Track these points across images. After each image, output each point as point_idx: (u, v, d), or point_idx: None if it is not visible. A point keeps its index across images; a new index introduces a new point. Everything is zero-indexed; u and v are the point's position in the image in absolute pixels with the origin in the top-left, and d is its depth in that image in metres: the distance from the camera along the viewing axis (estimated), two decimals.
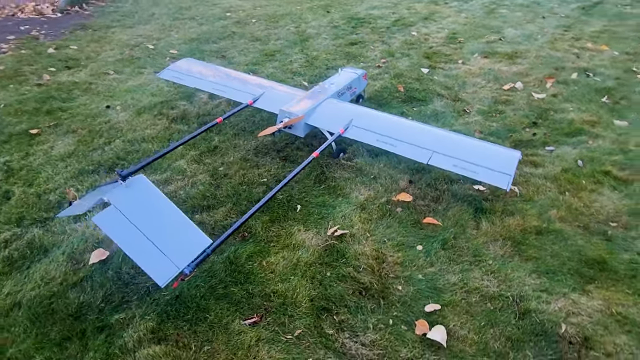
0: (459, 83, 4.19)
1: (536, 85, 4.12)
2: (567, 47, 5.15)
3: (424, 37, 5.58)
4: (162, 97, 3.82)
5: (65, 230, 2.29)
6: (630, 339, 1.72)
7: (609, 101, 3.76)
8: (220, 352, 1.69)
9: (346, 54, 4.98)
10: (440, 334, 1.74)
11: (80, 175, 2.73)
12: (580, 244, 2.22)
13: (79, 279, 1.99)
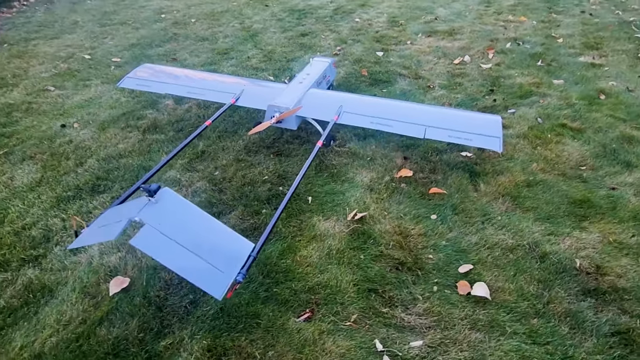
0: (415, 62, 4.42)
1: (480, 57, 4.49)
2: (493, 20, 5.67)
3: (367, 23, 5.75)
4: (123, 108, 3.52)
5: (65, 265, 2.04)
6: (630, 260, 2.01)
7: (543, 64, 4.24)
8: (286, 354, 1.66)
9: (300, 45, 4.97)
10: (483, 289, 1.89)
11: (61, 203, 2.43)
12: (565, 189, 2.52)
13: (104, 313, 1.80)
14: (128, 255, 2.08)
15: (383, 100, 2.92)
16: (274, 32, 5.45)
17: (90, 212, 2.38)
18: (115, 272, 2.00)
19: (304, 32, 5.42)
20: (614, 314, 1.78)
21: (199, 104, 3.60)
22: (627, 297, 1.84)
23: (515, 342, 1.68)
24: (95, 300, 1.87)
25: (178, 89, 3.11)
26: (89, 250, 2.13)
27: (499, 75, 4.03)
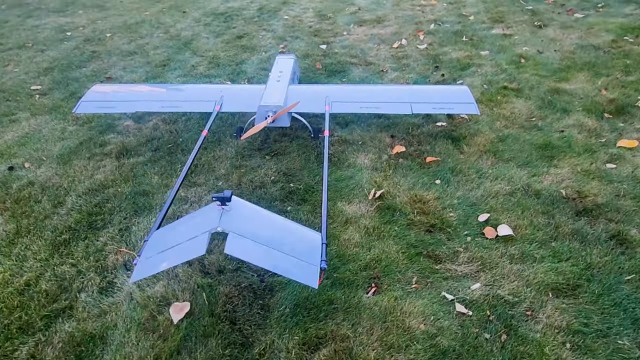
0: (359, 50, 4.69)
1: (414, 40, 4.93)
2: (410, 6, 6.22)
3: (297, 20, 5.88)
4: (76, 137, 3.16)
5: (103, 309, 1.85)
6: (598, 182, 2.50)
7: (467, 39, 4.83)
8: (374, 326, 1.75)
9: (242, 47, 4.91)
10: (506, 229, 2.19)
11: (60, 248, 2.15)
12: (528, 138, 2.98)
13: (177, 343, 1.69)
14: (171, 281, 1.96)
15: (364, 87, 3.11)
16: (207, 38, 5.29)
17: (101, 249, 2.16)
18: (165, 300, 1.87)
19: (238, 34, 5.35)
20: (604, 224, 2.21)
21: (164, 120, 3.39)
22: (607, 209, 2.30)
23: (547, 264, 2.00)
24: (159, 333, 1.74)
25: (149, 105, 2.91)
26: (123, 287, 1.95)
27: (437, 53, 4.50)
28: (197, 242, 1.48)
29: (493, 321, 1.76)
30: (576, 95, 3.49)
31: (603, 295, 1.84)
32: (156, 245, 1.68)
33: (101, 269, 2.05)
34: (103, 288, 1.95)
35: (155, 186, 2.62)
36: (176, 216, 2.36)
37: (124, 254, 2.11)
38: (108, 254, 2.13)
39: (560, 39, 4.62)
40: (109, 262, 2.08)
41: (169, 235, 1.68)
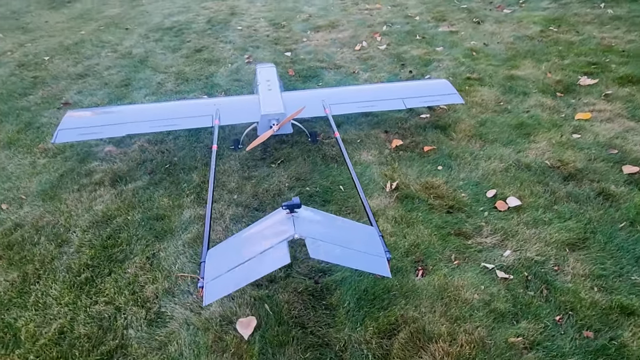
0: (324, 55, 4.83)
1: (372, 41, 5.20)
2: (357, 10, 6.53)
3: (252, 29, 5.88)
4: (53, 170, 2.91)
5: (160, 340, 1.74)
6: (572, 151, 2.88)
7: (420, 38, 5.21)
8: (434, 303, 1.87)
9: (204, 60, 4.79)
10: (515, 200, 2.45)
11: (86, 287, 1.98)
12: (503, 120, 3.33)
13: (255, 357, 1.65)
14: (225, 300, 1.90)
15: (356, 87, 3.24)
16: (164, 54, 5.08)
17: (135, 280, 2.02)
18: (227, 319, 1.82)
19: (196, 48, 5.21)
20: (588, 185, 2.57)
21: (149, 141, 3.22)
22: (586, 172, 2.67)
23: (556, 225, 2.28)
24: (231, 352, 1.68)
25: (139, 126, 2.76)
26: (174, 315, 1.85)
27: (398, 52, 4.79)
28: (278, 251, 1.48)
29: (531, 280, 1.98)
30: (528, 79, 3.96)
31: (608, 242, 2.16)
32: (218, 263, 1.64)
33: (141, 300, 1.93)
34: (152, 320, 1.84)
35: (167, 208, 2.50)
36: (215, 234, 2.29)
37: (185, 278, 2.01)
38: (144, 284, 2.01)
39: (498, 32, 5.18)
40: (147, 293, 1.96)
41: (231, 252, 1.65)
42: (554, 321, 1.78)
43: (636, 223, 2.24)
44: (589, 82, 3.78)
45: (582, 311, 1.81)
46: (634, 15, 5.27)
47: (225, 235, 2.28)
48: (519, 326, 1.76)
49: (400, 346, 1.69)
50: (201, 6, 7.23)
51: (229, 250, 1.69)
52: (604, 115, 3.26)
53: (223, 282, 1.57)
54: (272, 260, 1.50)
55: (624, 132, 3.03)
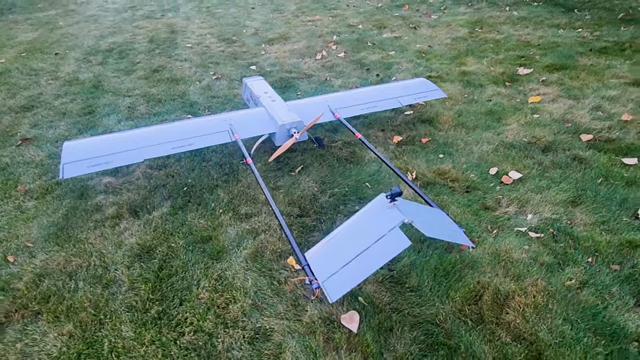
0: (289, 66, 4.95)
1: (329, 50, 5.46)
2: (300, 22, 6.77)
3: (203, 47, 5.74)
4: (52, 212, 2.60)
5: (266, 354, 1.69)
6: (540, 129, 3.43)
7: (371, 44, 5.61)
8: (494, 267, 2.13)
9: (167, 80, 4.58)
10: (516, 174, 2.86)
11: (158, 321, 1.85)
12: (475, 109, 3.80)
13: (376, 346, 1.71)
14: (312, 303, 1.92)
15: (353, 91, 3.42)
16: (117, 77, 4.72)
17: (214, 304, 1.92)
18: (327, 319, 1.85)
19: (152, 68, 4.94)
20: (562, 154, 3.09)
21: (149, 166, 3.03)
22: (557, 143, 3.21)
23: (554, 188, 2.72)
24: (347, 346, 1.73)
25: (157, 150, 2.60)
26: (273, 328, 1.82)
27: (357, 59, 5.12)
28: (394, 237, 1.60)
29: (557, 235, 2.36)
30: (478, 74, 4.56)
31: (596, 196, 2.65)
32: (327, 262, 1.69)
33: (231, 321, 1.86)
34: (252, 337, 1.79)
35: (208, 229, 2.41)
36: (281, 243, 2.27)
37: (296, 283, 1.98)
38: (225, 305, 1.93)
39: (435, 35, 5.83)
40: (233, 313, 1.90)
41: (337, 249, 1.71)
42: (587, 263, 2.17)
43: (609, 177, 2.79)
44: (526, 71, 4.49)
45: (604, 251, 2.23)
46: (535, 16, 6.35)
47: (287, 245, 2.29)
48: (566, 272, 2.11)
49: (487, 307, 1.91)
50: (133, 26, 6.82)
51: (333, 248, 1.74)
52: (549, 97, 3.93)
53: (343, 278, 1.63)
54: (391, 247, 1.61)
55: (569, 108, 3.70)
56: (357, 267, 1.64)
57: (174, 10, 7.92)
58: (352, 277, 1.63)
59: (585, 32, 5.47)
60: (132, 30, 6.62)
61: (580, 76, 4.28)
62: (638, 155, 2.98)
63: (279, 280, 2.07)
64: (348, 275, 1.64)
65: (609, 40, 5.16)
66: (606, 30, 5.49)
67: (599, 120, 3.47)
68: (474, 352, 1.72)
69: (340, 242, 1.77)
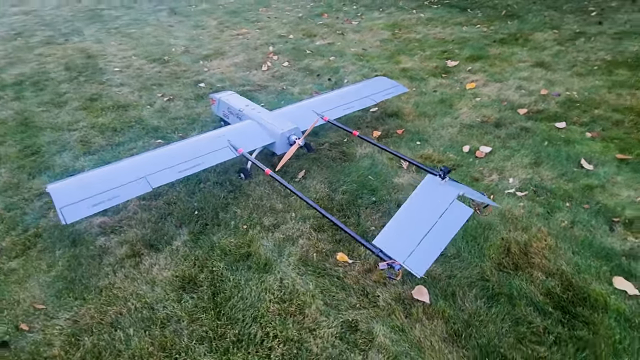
0: (240, 79, 4.92)
1: (272, 61, 5.53)
2: (229, 37, 6.70)
3: (135, 70, 5.36)
4: (46, 268, 2.28)
5: (369, 339, 1.76)
6: (487, 109, 4.00)
7: (309, 52, 5.84)
8: (508, 228, 2.48)
9: (112, 108, 4.22)
10: (486, 148, 3.32)
11: (240, 343, 1.78)
12: (429, 100, 4.26)
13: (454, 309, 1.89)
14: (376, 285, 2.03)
15: (327, 95, 3.56)
16: (47, 111, 4.18)
17: (286, 312, 1.90)
18: (397, 298, 1.98)
19: (87, 97, 4.48)
20: (510, 127, 3.67)
21: (142, 198, 2.79)
22: (503, 119, 3.80)
23: (518, 155, 3.24)
24: (425, 318, 1.88)
25: (163, 177, 2.44)
26: (356, 319, 1.88)
27: (304, 66, 5.29)
28: (457, 209, 1.81)
29: (536, 190, 2.83)
30: (415, 69, 5.09)
31: (549, 155, 3.23)
32: (399, 243, 1.83)
33: (314, 323, 1.88)
34: (340, 333, 1.84)
35: (242, 246, 2.35)
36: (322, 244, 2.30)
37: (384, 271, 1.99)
38: (299, 311, 1.93)
39: (364, 39, 6.32)
40: (310, 317, 1.92)
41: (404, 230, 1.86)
42: (567, 206, 2.67)
43: (551, 140, 3.42)
44: (453, 63, 5.17)
45: (573, 195, 2.76)
46: (439, 17, 7.27)
47: (329, 244, 2.36)
48: (557, 217, 2.57)
49: (517, 257, 2.25)
50: (36, 54, 6.02)
51: (400, 230, 1.89)
52: (480, 83, 4.60)
53: (422, 253, 1.79)
54: (457, 217, 1.83)
55: (499, 90, 4.39)
56: (432, 241, 1.82)
57: (77, 34, 7.17)
58: (430, 251, 1.81)
59: (484, 27, 6.48)
60: (35, 58, 5.83)
61: (496, 63, 5.09)
62: (564, 120, 3.71)
63: (337, 277, 2.14)
64: (426, 250, 1.81)
65: (504, 32, 6.20)
66: (498, 25, 6.57)
67: (525, 96, 4.20)
68: (526, 293, 2.03)
69: (405, 223, 1.92)
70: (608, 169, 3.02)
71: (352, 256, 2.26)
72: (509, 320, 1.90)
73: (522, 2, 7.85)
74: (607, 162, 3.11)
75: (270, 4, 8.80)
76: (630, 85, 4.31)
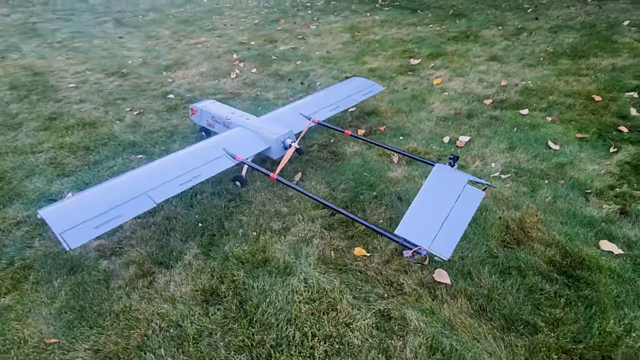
0: (209, 88, 4.82)
1: (239, 68, 5.46)
2: (187, 46, 6.53)
3: (93, 85, 5.06)
4: (48, 299, 2.11)
5: (400, 323, 1.81)
6: (456, 101, 4.25)
7: (276, 57, 5.84)
8: (506, 200, 2.67)
9: (78, 125, 3.95)
10: (465, 137, 3.54)
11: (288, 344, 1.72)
12: (402, 97, 4.44)
13: (475, 286, 2.01)
14: (392, 276, 2.11)
15: (307, 99, 3.58)
16: (4, 135, 3.81)
17: (326, 310, 1.91)
18: (420, 283, 2.06)
19: (45, 117, 4.16)
20: (482, 117, 3.95)
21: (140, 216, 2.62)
22: (473, 110, 4.07)
23: (494, 142, 3.49)
24: (449, 298, 1.98)
25: (166, 190, 2.34)
26: (387, 308, 1.94)
27: (273, 72, 5.29)
28: (470, 192, 1.94)
29: (517, 172, 3.07)
30: (382, 68, 5.29)
31: (520, 140, 3.51)
32: (420, 231, 1.92)
33: (348, 318, 1.91)
34: (375, 323, 1.88)
35: (259, 252, 2.32)
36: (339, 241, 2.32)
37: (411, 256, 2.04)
38: (332, 308, 1.94)
39: (326, 42, 6.44)
40: (344, 311, 1.94)
41: (423, 217, 1.95)
42: (546, 183, 2.93)
43: (517, 126, 3.72)
44: (416, 61, 5.43)
45: (548, 174, 3.02)
46: (393, 18, 7.59)
47: (343, 240, 2.40)
48: (540, 193, 2.81)
49: (517, 232, 2.43)
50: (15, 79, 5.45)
51: (419, 218, 1.98)
52: (445, 78, 4.88)
53: (445, 237, 1.89)
54: (471, 200, 1.96)
55: (463, 84, 4.69)
56: (452, 225, 1.94)
57: (14, 51, 6.59)
58: (452, 234, 1.92)
59: (436, 27, 6.88)
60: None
61: (454, 59, 5.43)
62: (526, 107, 4.05)
63: (359, 271, 2.19)
64: (448, 233, 1.91)
65: (455, 30, 6.62)
66: (449, 24, 7.01)
67: (488, 88, 4.54)
68: (532, 264, 2.21)
69: (423, 211, 2.02)
70: (572, 148, 3.36)
71: (369, 249, 2.32)
72: (523, 290, 2.06)
73: (465, 2, 8.43)
74: (569, 141, 3.45)
75: (223, 12, 8.68)
76: (573, 72, 4.80)
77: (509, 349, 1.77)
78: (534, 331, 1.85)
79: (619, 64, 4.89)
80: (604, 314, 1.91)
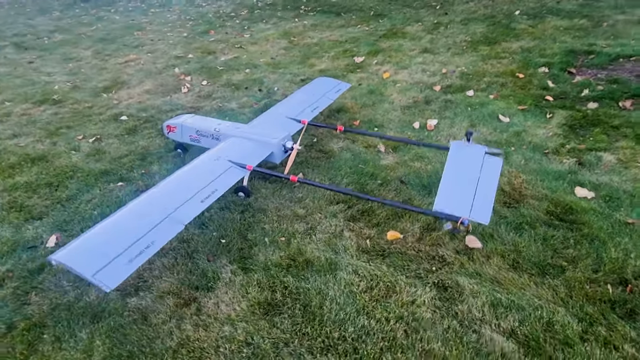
0: (164, 105, 4.53)
1: (188, 82, 5.19)
2: (118, 65, 6.02)
3: (22, 117, 4.42)
4: (88, 351, 1.77)
5: (455, 289, 1.97)
6: (413, 91, 4.60)
7: (221, 68, 5.67)
8: None
9: (27, 162, 3.43)
10: (432, 120, 3.86)
11: None
12: (360, 92, 4.66)
13: (502, 246, 2.24)
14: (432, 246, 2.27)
15: (292, 98, 3.60)
16: None
17: (397, 295, 1.96)
18: (457, 251, 2.26)
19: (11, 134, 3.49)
20: (439, 101, 4.34)
21: None
22: (429, 96, 4.45)
23: (460, 123, 3.88)
24: (483, 260, 2.19)
25: (189, 211, 2.19)
26: (441, 279, 2.07)
27: (226, 83, 5.15)
28: (490, 161, 2.18)
29: (486, 143, 3.47)
30: (331, 69, 5.48)
31: (477, 117, 3.96)
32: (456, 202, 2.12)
33: (410, 296, 2.01)
34: (437, 295, 2.01)
35: (296, 255, 2.29)
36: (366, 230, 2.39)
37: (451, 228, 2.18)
38: (392, 292, 2.02)
39: (266, 49, 6.44)
40: (404, 293, 2.03)
41: (455, 189, 2.14)
42: (513, 150, 3.36)
43: (470, 106, 4.18)
44: (360, 59, 5.73)
45: (513, 142, 3.47)
46: (321, 22, 7.86)
47: (374, 227, 2.50)
48: (514, 157, 3.22)
49: (513, 194, 2.77)
50: None
51: (451, 191, 2.17)
52: (392, 72, 5.24)
53: (480, 204, 2.10)
54: (493, 168, 2.19)
55: (410, 75, 5.08)
56: (483, 192, 2.16)
57: None
58: (486, 201, 2.14)
59: (365, 27, 7.31)
60: None
61: (392, 54, 5.86)
62: (470, 89, 4.56)
63: (400, 252, 2.30)
64: (482, 201, 2.13)
65: (382, 29, 7.11)
66: (374, 24, 7.49)
67: (432, 77, 4.99)
68: (535, 217, 2.54)
69: (453, 186, 2.22)
70: (519, 119, 3.89)
71: (401, 232, 2.46)
72: (539, 240, 2.37)
73: (381, 3, 9.08)
74: (515, 114, 3.99)
75: (143, 27, 8.13)
76: (493, 56, 5.51)
77: (552, 290, 2.05)
78: (561, 271, 2.16)
79: (525, 46, 5.75)
80: (605, 245, 2.30)
